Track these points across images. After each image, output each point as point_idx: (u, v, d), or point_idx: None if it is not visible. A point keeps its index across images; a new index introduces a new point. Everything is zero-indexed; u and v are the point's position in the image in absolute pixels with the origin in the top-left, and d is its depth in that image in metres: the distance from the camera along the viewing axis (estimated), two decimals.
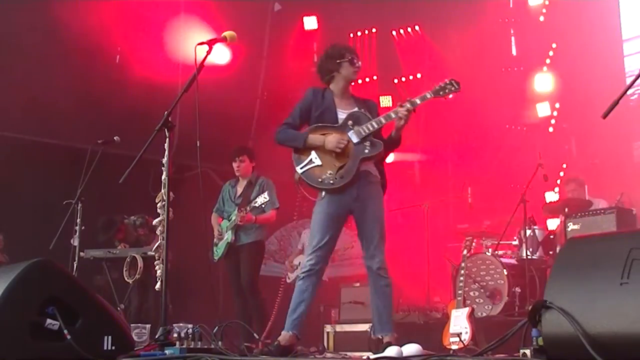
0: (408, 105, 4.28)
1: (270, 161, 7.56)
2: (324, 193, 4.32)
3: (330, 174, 4.27)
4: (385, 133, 4.46)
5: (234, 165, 6.39)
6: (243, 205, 6.13)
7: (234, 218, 6.13)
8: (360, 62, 4.51)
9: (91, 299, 3.18)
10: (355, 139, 4.31)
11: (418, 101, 4.32)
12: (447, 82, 4.37)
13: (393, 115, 4.30)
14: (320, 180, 4.28)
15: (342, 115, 4.41)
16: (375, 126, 4.31)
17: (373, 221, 4.32)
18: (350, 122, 4.36)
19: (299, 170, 4.34)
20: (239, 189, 6.42)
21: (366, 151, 4.30)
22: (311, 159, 4.33)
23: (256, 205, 5.99)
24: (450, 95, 4.37)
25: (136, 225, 7.27)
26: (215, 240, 6.32)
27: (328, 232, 4.31)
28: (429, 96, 4.36)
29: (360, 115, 4.39)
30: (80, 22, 7.56)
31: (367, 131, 4.30)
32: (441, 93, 4.36)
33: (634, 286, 2.40)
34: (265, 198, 5.94)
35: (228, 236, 6.18)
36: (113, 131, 5.92)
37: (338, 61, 4.43)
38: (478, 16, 8.79)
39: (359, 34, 10.12)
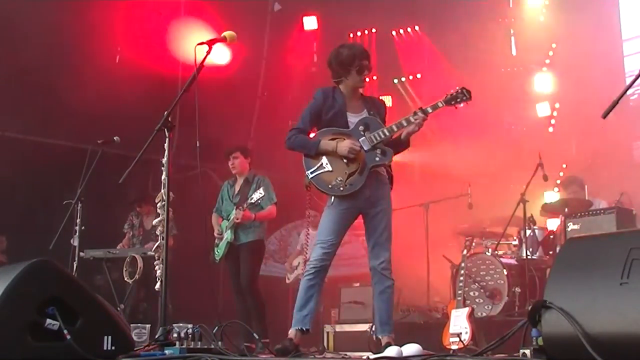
0: (420, 113, 4.25)
1: (270, 160, 7.58)
2: (333, 198, 4.31)
3: (340, 180, 4.25)
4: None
5: (229, 164, 6.38)
6: (240, 204, 6.11)
7: (232, 217, 6.13)
8: (368, 70, 4.46)
9: (91, 299, 3.18)
10: (366, 146, 4.29)
11: (430, 110, 4.28)
12: (459, 90, 4.33)
13: (405, 123, 4.29)
14: (330, 186, 4.26)
15: (352, 119, 4.37)
16: (387, 134, 4.29)
17: (383, 221, 4.32)
18: (361, 128, 4.33)
19: (309, 174, 4.31)
20: (237, 188, 6.41)
21: (377, 159, 4.29)
22: (322, 164, 4.30)
23: (252, 201, 5.97)
24: (462, 104, 4.33)
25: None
26: (216, 240, 6.31)
27: (338, 232, 4.31)
28: (440, 105, 4.32)
29: (371, 121, 4.36)
30: (80, 22, 7.57)
31: (378, 139, 4.28)
32: (453, 102, 4.32)
33: (634, 286, 2.40)
34: (261, 194, 5.90)
35: (228, 236, 6.16)
36: (113, 131, 5.91)
37: (347, 68, 4.40)
38: (478, 16, 8.80)
39: (358, 34, 10.13)
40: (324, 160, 4.30)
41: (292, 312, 4.35)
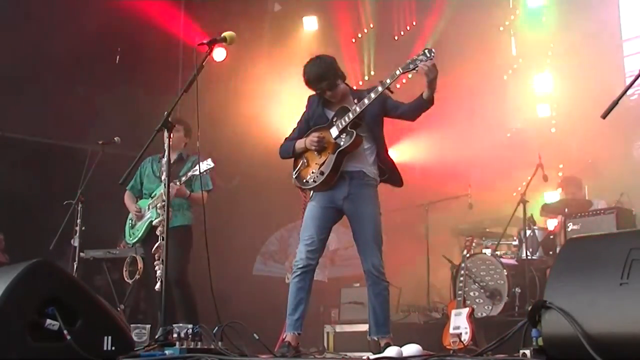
0: (379, 87, 4.16)
1: (270, 160, 7.58)
2: (312, 193, 4.38)
3: (313, 172, 4.31)
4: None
5: (165, 136, 5.00)
6: (173, 179, 5.31)
7: (159, 194, 5.49)
8: (330, 90, 4.30)
9: (91, 299, 3.17)
10: (334, 134, 4.28)
11: (388, 80, 4.13)
12: (420, 53, 4.05)
13: (367, 102, 4.19)
14: (305, 180, 4.35)
15: (330, 114, 4.39)
16: (352, 116, 4.23)
17: (367, 223, 4.26)
18: (335, 119, 4.33)
19: (293, 175, 4.44)
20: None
21: (341, 143, 4.25)
22: (302, 162, 4.41)
23: (196, 173, 5.25)
24: (422, 64, 4.00)
25: None
26: (131, 220, 5.65)
27: (319, 228, 4.29)
28: (398, 73, 4.09)
29: (341, 110, 4.32)
30: (80, 22, 7.58)
31: (344, 123, 4.25)
32: (411, 66, 4.05)
33: (634, 286, 2.40)
34: (209, 164, 5.25)
35: (152, 214, 5.49)
36: (113, 131, 5.92)
37: (313, 90, 4.39)
38: (478, 16, 8.79)
39: (359, 35, 10.13)
40: (304, 158, 4.40)
41: None
